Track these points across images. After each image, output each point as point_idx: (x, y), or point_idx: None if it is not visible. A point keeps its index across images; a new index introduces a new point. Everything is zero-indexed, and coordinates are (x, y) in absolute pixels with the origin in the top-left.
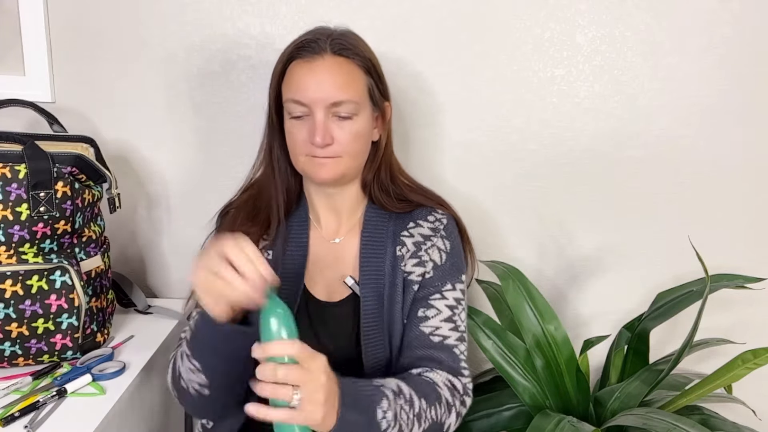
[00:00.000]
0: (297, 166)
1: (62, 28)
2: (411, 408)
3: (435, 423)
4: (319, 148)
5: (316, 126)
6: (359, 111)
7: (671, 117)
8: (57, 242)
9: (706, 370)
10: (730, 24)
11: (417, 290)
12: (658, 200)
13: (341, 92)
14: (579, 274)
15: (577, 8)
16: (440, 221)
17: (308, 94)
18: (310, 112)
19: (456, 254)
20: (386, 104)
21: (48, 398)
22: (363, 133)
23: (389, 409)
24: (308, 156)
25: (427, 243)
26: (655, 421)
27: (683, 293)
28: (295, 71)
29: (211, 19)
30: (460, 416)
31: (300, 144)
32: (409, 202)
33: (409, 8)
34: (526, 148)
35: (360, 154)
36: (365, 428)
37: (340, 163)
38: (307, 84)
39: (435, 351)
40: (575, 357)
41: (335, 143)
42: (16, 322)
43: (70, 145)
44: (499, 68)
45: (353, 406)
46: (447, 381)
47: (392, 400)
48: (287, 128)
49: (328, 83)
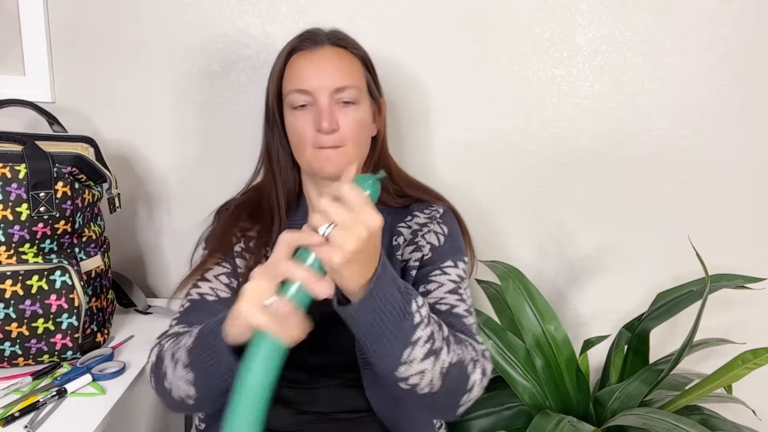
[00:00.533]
0: (302, 160)
1: (62, 28)
2: (440, 329)
3: (461, 364)
4: (325, 135)
5: (322, 112)
6: (361, 99)
7: (671, 117)
8: (57, 242)
9: (706, 370)
10: (730, 24)
11: (416, 273)
12: (658, 200)
13: (344, 78)
14: (579, 274)
15: (577, 8)
16: (437, 211)
17: (312, 82)
18: (314, 100)
19: (455, 238)
20: (381, 100)
21: (48, 398)
22: (365, 122)
23: (423, 307)
24: (314, 148)
25: (423, 229)
26: (655, 421)
27: (683, 293)
28: (297, 62)
29: (211, 19)
30: (485, 377)
31: (306, 134)
32: (407, 197)
33: (409, 8)
34: (526, 148)
35: (362, 144)
36: (397, 310)
37: (345, 153)
38: (310, 72)
39: (443, 317)
40: (575, 357)
41: (341, 130)
42: (16, 322)
43: (70, 145)
44: (498, 68)
45: (393, 279)
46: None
47: (425, 305)
48: (290, 122)
49: (330, 70)
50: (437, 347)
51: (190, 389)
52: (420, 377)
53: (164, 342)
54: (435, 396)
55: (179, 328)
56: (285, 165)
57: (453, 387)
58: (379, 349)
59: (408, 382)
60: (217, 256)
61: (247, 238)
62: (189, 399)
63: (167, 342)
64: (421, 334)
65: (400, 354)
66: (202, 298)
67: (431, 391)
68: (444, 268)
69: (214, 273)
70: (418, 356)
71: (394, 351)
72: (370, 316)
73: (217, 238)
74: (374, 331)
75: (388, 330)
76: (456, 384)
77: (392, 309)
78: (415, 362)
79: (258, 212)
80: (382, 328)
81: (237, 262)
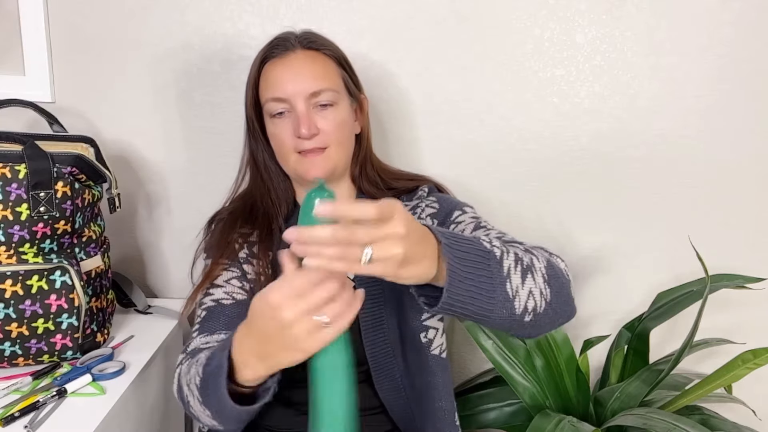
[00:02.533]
0: (287, 167)
1: (62, 28)
2: (515, 246)
3: (549, 263)
4: (306, 140)
5: (299, 118)
6: (338, 100)
7: (671, 117)
8: (57, 242)
9: (706, 370)
10: (730, 24)
11: None
12: (658, 200)
13: (318, 82)
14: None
15: (577, 8)
16: (423, 191)
17: (287, 89)
18: (291, 107)
19: (448, 199)
20: (362, 96)
21: (48, 398)
22: (346, 121)
23: (492, 240)
24: (297, 154)
25: (416, 210)
26: (655, 421)
27: (683, 293)
28: (270, 70)
29: (211, 19)
30: (564, 262)
31: (287, 141)
32: (395, 189)
33: (410, 8)
34: (526, 148)
35: (345, 144)
36: (479, 259)
37: (329, 156)
38: (284, 79)
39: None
40: (575, 357)
41: (321, 133)
42: (16, 322)
43: (70, 145)
44: (498, 68)
45: (454, 236)
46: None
47: (490, 239)
48: (270, 131)
49: (304, 75)
50: (527, 263)
51: (213, 422)
52: (532, 298)
53: (184, 362)
54: (552, 305)
55: (200, 340)
56: (275, 171)
57: (558, 285)
58: (487, 306)
59: (528, 313)
60: (224, 263)
61: (249, 243)
62: (217, 428)
63: (186, 363)
64: (508, 263)
65: (505, 295)
66: (218, 304)
67: (548, 302)
68: (455, 219)
69: (224, 278)
70: (519, 282)
71: (499, 297)
72: (464, 285)
73: (219, 246)
74: (475, 296)
75: (484, 284)
76: (559, 281)
77: (475, 261)
78: (520, 290)
79: (252, 218)
80: (479, 287)
81: (245, 267)
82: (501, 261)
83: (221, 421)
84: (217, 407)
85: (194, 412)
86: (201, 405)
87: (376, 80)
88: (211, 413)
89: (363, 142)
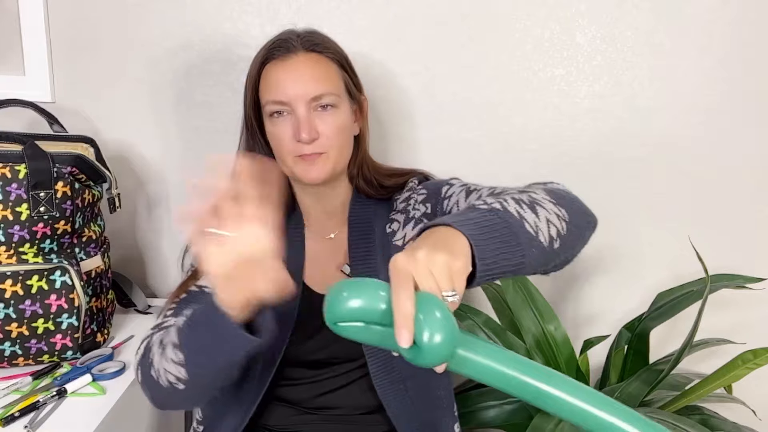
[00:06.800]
0: (285, 168)
1: (62, 28)
2: (511, 190)
3: (551, 189)
4: (306, 145)
5: (300, 122)
6: (339, 103)
7: (671, 117)
8: (57, 242)
9: (706, 370)
10: (730, 24)
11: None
12: (658, 200)
13: (320, 85)
14: (579, 274)
15: (577, 8)
16: (413, 182)
17: (288, 92)
18: (292, 109)
19: (434, 184)
20: (362, 97)
21: (48, 398)
22: (346, 125)
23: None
24: (296, 157)
25: (410, 202)
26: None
27: (683, 293)
28: (271, 72)
29: (211, 19)
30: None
31: (286, 143)
32: (388, 188)
33: (410, 8)
34: (526, 148)
35: (345, 148)
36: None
37: (328, 160)
38: (285, 82)
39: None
40: (575, 357)
41: (321, 137)
42: (16, 322)
43: (70, 145)
44: (499, 68)
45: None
46: None
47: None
48: (270, 131)
49: (305, 78)
50: (529, 200)
51: (180, 371)
52: (552, 225)
53: (155, 334)
54: (572, 221)
55: (174, 320)
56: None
57: (568, 201)
58: (519, 254)
59: (555, 240)
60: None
61: None
62: (179, 384)
63: (157, 334)
64: (514, 207)
65: (528, 235)
66: (200, 290)
67: (568, 221)
68: (446, 195)
69: None
70: (533, 218)
71: (524, 240)
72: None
73: None
74: (504, 251)
75: (506, 236)
76: (566, 198)
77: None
78: (538, 223)
79: None
80: (503, 242)
81: None
82: (507, 210)
83: (195, 361)
84: (209, 342)
85: (153, 373)
86: (174, 349)
87: (377, 80)
88: (185, 355)
89: (361, 144)
